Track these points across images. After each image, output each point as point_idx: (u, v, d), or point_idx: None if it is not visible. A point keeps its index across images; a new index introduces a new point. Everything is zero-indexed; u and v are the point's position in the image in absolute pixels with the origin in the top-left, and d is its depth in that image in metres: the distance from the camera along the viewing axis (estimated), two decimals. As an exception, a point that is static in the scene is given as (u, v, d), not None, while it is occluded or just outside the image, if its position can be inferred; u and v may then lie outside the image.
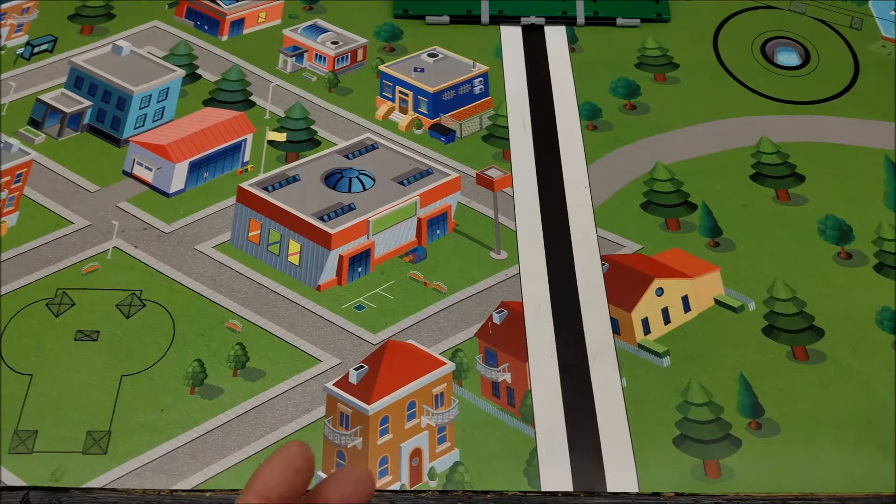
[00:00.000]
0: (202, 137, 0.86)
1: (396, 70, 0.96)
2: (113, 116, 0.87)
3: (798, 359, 0.77)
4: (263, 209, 0.82)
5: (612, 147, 0.92)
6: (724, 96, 0.97)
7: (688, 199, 0.88)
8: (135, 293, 0.77)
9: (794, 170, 0.91)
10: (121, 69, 0.92)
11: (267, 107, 0.92)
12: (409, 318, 0.77)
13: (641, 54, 1.01)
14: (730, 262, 0.83)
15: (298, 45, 0.98)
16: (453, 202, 0.86)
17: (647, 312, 0.79)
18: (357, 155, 0.88)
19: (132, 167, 0.85)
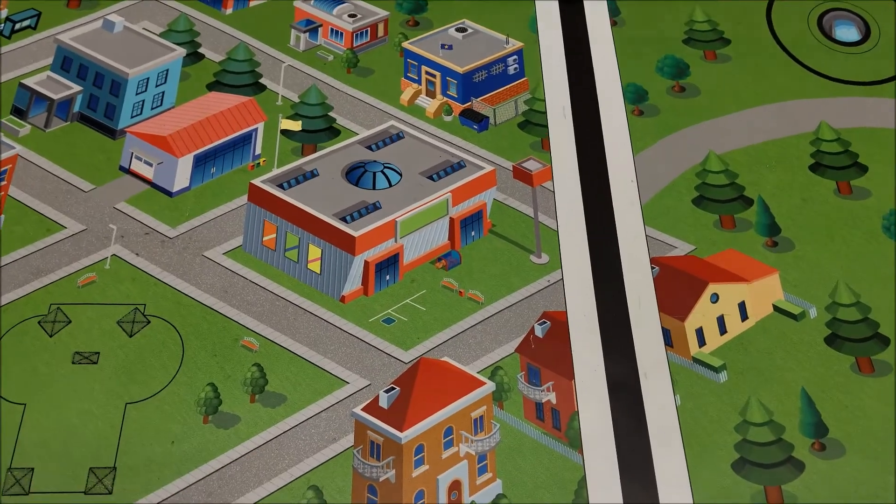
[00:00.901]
0: (207, 127, 0.82)
1: (422, 47, 0.92)
2: (107, 103, 0.83)
3: (863, 371, 0.74)
4: (279, 209, 0.78)
5: (661, 134, 0.88)
6: (780, 76, 0.93)
7: (743, 194, 0.84)
8: (138, 308, 0.73)
9: (856, 159, 0.87)
10: (114, 48, 0.88)
11: (279, 91, 0.88)
12: (444, 332, 0.74)
13: (690, 28, 0.96)
14: (789, 264, 0.80)
15: (312, 18, 0.93)
16: (488, 199, 0.82)
17: (702, 321, 0.76)
18: (381, 146, 0.84)
19: (130, 162, 0.82)
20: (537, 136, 0.87)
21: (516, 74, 0.91)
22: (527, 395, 0.72)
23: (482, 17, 0.95)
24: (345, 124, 0.86)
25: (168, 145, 0.81)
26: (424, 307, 0.75)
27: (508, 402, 0.72)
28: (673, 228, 0.82)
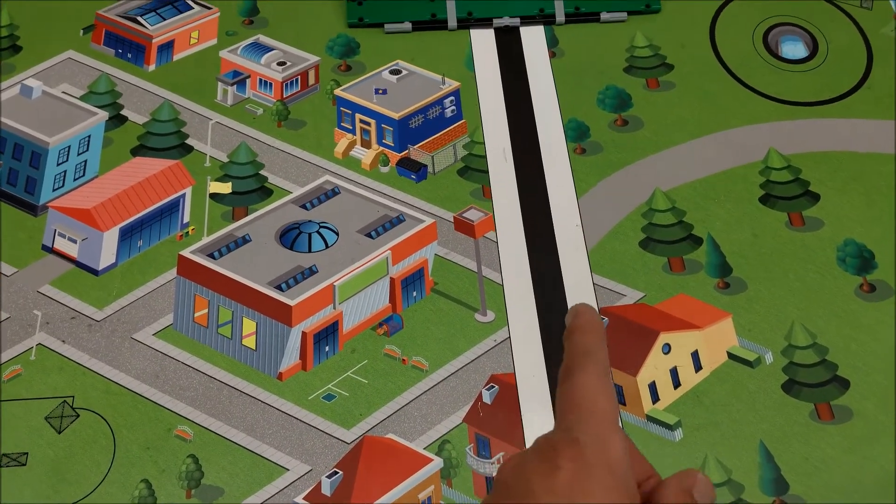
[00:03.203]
0: (133, 196, 0.77)
1: (355, 94, 0.87)
2: (27, 177, 0.78)
3: (822, 418, 0.71)
4: (210, 282, 0.74)
5: (605, 173, 0.84)
6: (726, 101, 0.89)
7: (691, 233, 0.81)
8: (66, 401, 0.69)
9: (807, 187, 0.84)
10: (32, 116, 0.82)
11: (207, 151, 0.83)
12: (387, 405, 0.70)
13: (630, 55, 0.92)
14: (742, 306, 0.77)
15: (239, 69, 0.88)
16: (430, 255, 0.78)
17: (655, 375, 0.73)
18: (316, 203, 0.80)
19: (53, 240, 0.76)
20: (478, 182, 0.83)
21: (454, 117, 0.87)
22: (476, 470, 0.68)
23: (417, 55, 0.90)
24: (277, 182, 0.81)
25: (92, 219, 0.76)
26: (366, 379, 0.71)
27: (457, 478, 0.67)
28: (621, 275, 0.78)
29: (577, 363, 0.37)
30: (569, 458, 0.33)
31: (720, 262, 0.79)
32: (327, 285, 0.74)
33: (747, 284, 0.78)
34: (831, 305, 0.77)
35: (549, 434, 0.35)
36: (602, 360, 0.37)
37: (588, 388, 0.36)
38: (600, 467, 0.33)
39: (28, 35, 0.90)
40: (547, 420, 0.70)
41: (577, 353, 0.37)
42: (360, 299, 0.75)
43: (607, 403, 0.35)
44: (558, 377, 0.38)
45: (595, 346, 0.38)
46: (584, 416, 0.35)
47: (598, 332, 0.38)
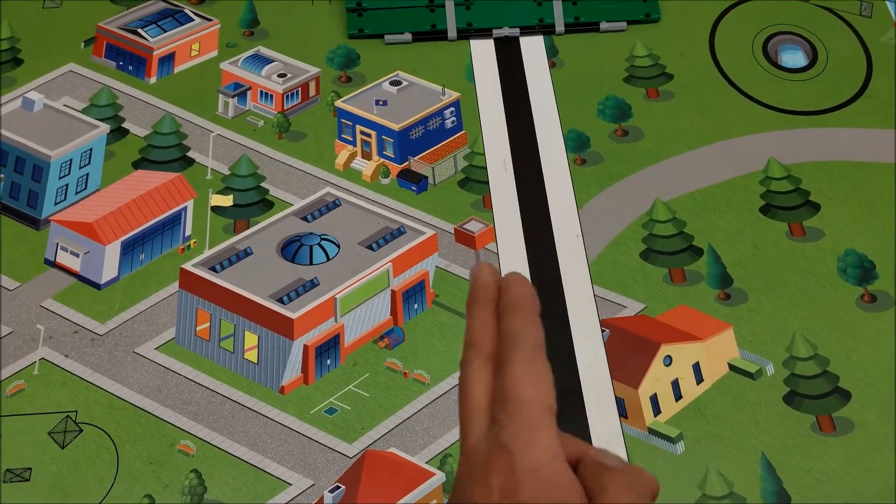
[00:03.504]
0: (135, 209, 0.77)
1: (355, 105, 0.87)
2: (29, 191, 0.78)
3: (824, 430, 0.71)
4: (212, 295, 0.74)
5: (605, 184, 0.84)
6: (725, 110, 0.88)
7: (692, 244, 0.80)
8: (69, 416, 0.69)
9: (807, 197, 0.84)
10: (34, 129, 0.82)
11: (208, 164, 0.83)
12: (389, 419, 0.70)
13: (630, 65, 0.92)
14: (743, 317, 0.76)
15: (240, 81, 0.87)
16: (431, 267, 0.78)
17: (656, 388, 0.73)
18: (317, 216, 0.80)
19: (56, 254, 0.76)
20: (478, 193, 0.82)
21: (454, 128, 0.86)
22: (477, 483, 0.69)
23: (417, 66, 0.89)
24: (278, 195, 0.80)
25: (94, 232, 0.76)
26: (368, 393, 0.71)
27: (459, 491, 0.68)
28: (622, 286, 0.78)
29: (504, 351, 0.36)
30: (498, 471, 0.33)
31: (721, 274, 0.79)
32: (329, 298, 0.73)
33: (748, 295, 0.78)
34: (832, 316, 0.77)
35: (482, 438, 0.34)
36: (531, 340, 0.36)
37: (515, 379, 0.35)
38: (529, 475, 0.33)
39: (29, 48, 0.89)
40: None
41: (504, 338, 0.36)
42: (362, 312, 0.75)
43: (536, 392, 0.34)
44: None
45: (520, 330, 0.36)
46: (511, 413, 0.34)
47: (523, 311, 0.37)
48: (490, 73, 0.90)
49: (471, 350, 0.37)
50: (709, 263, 0.79)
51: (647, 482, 0.36)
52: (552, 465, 0.33)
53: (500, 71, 0.91)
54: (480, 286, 0.38)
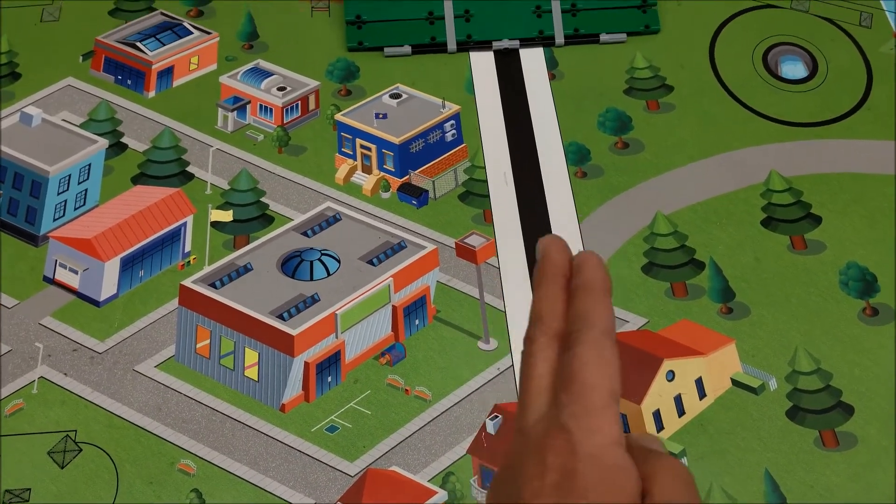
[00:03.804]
0: (134, 225, 0.76)
1: (355, 118, 0.86)
2: (27, 207, 0.77)
3: (827, 445, 0.70)
4: (212, 312, 0.73)
5: (606, 196, 0.83)
6: (726, 122, 0.87)
7: (694, 257, 0.80)
8: (69, 435, 0.67)
9: (808, 210, 0.83)
10: (32, 144, 0.81)
11: (208, 178, 0.82)
12: (391, 437, 0.69)
13: (630, 76, 0.91)
14: (745, 331, 0.76)
15: (239, 94, 0.87)
16: (432, 282, 0.77)
17: (659, 403, 0.72)
18: (317, 230, 0.79)
19: (54, 271, 0.75)
20: (479, 207, 0.81)
21: (454, 141, 0.85)
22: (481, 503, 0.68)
23: (417, 79, 0.88)
24: (278, 210, 0.80)
25: (93, 248, 0.75)
26: (369, 410, 0.70)
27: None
28: (624, 301, 0.77)
29: (573, 332, 0.35)
30: (556, 451, 0.32)
31: (723, 287, 0.78)
32: (329, 314, 0.72)
33: (750, 309, 0.77)
34: (834, 330, 0.76)
35: (541, 418, 0.33)
36: (602, 324, 0.35)
37: (581, 362, 0.34)
38: (588, 460, 0.32)
39: (27, 62, 0.88)
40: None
41: (574, 318, 0.35)
42: (363, 328, 0.74)
43: (602, 378, 0.33)
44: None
45: (591, 310, 0.35)
46: (575, 394, 0.33)
47: (596, 293, 0.35)
48: (490, 86, 0.89)
49: (537, 326, 0.36)
50: (711, 277, 0.78)
51: (686, 470, 0.35)
52: (613, 451, 0.32)
53: (501, 83, 0.90)
54: (550, 260, 0.37)
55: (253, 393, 0.70)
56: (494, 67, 0.91)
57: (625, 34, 0.93)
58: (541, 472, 0.32)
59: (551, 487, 0.31)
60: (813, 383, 0.73)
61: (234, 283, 0.74)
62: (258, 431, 0.68)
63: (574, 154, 0.85)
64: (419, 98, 0.87)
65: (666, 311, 0.76)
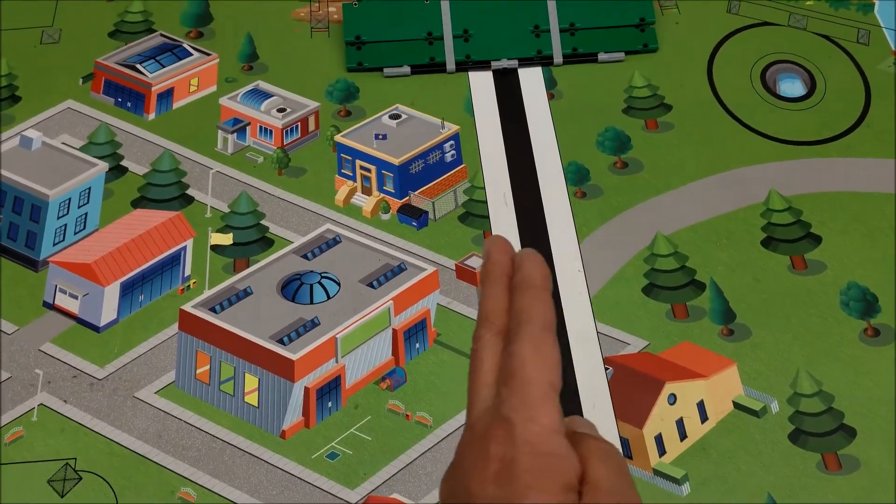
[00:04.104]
0: (134, 249, 0.75)
1: (355, 139, 0.85)
2: (27, 231, 0.76)
3: (830, 469, 0.70)
4: (212, 337, 0.72)
5: (606, 217, 0.82)
6: (725, 141, 0.87)
7: (694, 278, 0.79)
8: (68, 463, 0.67)
9: (808, 230, 0.82)
10: (32, 167, 0.80)
11: (207, 201, 0.81)
12: (392, 463, 0.68)
13: (629, 95, 0.90)
14: (747, 353, 0.75)
15: (239, 116, 0.86)
16: (432, 305, 0.76)
17: (661, 427, 0.71)
18: (317, 253, 0.78)
19: (54, 296, 0.74)
20: (479, 228, 0.81)
21: (454, 161, 0.85)
22: (482, 528, 0.67)
23: (416, 99, 0.88)
24: (278, 232, 0.79)
25: (93, 273, 0.74)
26: (370, 436, 0.69)
27: (463, 536, 0.67)
28: (624, 322, 0.76)
29: (512, 329, 0.36)
30: (497, 441, 0.33)
31: (724, 309, 0.77)
32: (329, 338, 0.71)
33: (751, 331, 0.76)
34: (836, 351, 0.75)
35: (485, 411, 0.34)
36: (539, 319, 0.36)
37: (520, 357, 0.35)
38: (527, 447, 0.33)
39: (27, 85, 0.87)
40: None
41: (514, 315, 0.36)
42: (363, 352, 0.73)
43: (540, 371, 0.34)
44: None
45: (529, 307, 0.36)
46: (514, 387, 0.34)
47: (534, 289, 0.36)
48: (489, 106, 0.88)
49: (483, 325, 0.37)
50: (711, 298, 0.77)
51: (616, 450, 0.36)
52: (552, 439, 0.33)
53: (499, 103, 0.89)
54: (493, 261, 0.38)
55: (253, 419, 0.69)
56: (493, 87, 0.90)
57: (623, 53, 0.92)
58: (484, 462, 0.33)
59: (493, 477, 0.32)
60: (815, 406, 0.72)
61: (234, 307, 0.73)
62: (258, 459, 0.67)
63: (573, 174, 0.84)
64: (418, 118, 0.87)
65: (667, 332, 0.75)
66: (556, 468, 0.33)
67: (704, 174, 0.85)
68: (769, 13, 0.97)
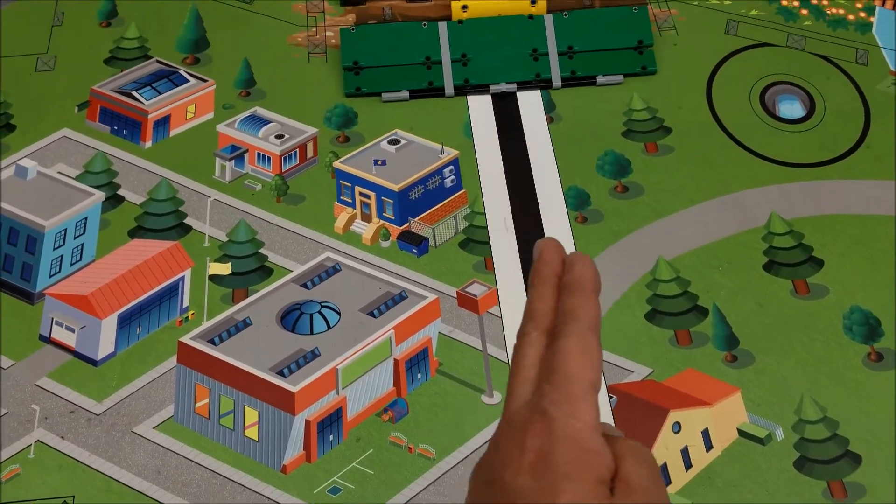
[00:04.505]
0: (131, 280, 0.74)
1: (354, 165, 0.84)
2: (23, 263, 0.74)
3: (835, 496, 0.68)
4: (210, 369, 0.70)
5: (607, 242, 0.81)
6: (725, 164, 0.86)
7: (697, 303, 0.78)
8: (66, 501, 0.65)
9: (810, 253, 0.81)
10: (27, 198, 0.78)
11: (205, 230, 0.79)
12: (395, 497, 0.66)
13: (628, 118, 0.89)
14: (751, 380, 0.74)
15: (237, 143, 0.84)
16: (434, 333, 0.75)
17: (666, 456, 0.70)
18: (317, 282, 0.77)
19: (51, 330, 0.73)
20: (480, 255, 0.79)
21: (454, 187, 0.83)
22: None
23: (415, 124, 0.86)
24: (277, 261, 0.77)
25: (90, 305, 0.72)
26: (372, 470, 0.67)
27: (468, 572, 0.65)
28: (628, 349, 0.74)
29: (559, 326, 0.36)
30: (535, 433, 0.33)
31: (727, 335, 0.76)
32: (330, 369, 0.70)
33: (755, 357, 0.75)
34: (840, 377, 0.74)
35: (524, 405, 0.35)
36: (587, 319, 0.36)
37: (564, 354, 0.35)
38: (565, 441, 0.33)
39: (22, 113, 0.86)
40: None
41: (561, 314, 0.37)
42: (364, 383, 0.71)
43: (583, 369, 0.35)
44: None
45: (578, 307, 0.36)
46: (557, 383, 0.34)
47: (583, 290, 0.37)
48: (488, 130, 0.87)
49: (529, 322, 0.37)
50: (714, 324, 0.76)
51: (649, 452, 0.37)
52: (591, 435, 0.33)
53: (499, 127, 0.88)
54: (544, 262, 0.38)
55: (253, 454, 0.67)
56: (492, 111, 0.89)
57: (622, 76, 0.91)
58: (520, 453, 0.33)
59: (529, 467, 0.33)
60: (820, 432, 0.71)
61: (233, 338, 0.71)
62: (259, 494, 0.65)
63: (574, 199, 0.83)
64: (418, 143, 0.85)
65: (671, 359, 0.74)
66: (593, 464, 0.33)
67: (705, 197, 0.84)
68: (767, 34, 0.96)
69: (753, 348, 0.75)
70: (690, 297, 0.78)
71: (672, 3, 0.97)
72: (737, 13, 0.97)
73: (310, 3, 0.94)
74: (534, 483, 0.32)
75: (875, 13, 0.98)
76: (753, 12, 0.97)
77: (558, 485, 0.32)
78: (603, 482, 0.33)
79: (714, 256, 0.80)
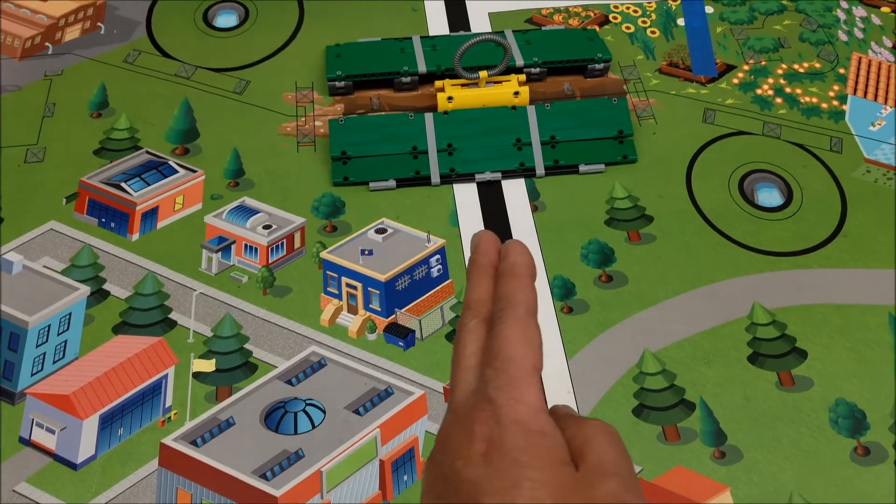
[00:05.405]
0: (114, 379, 0.69)
1: (341, 256, 0.80)
2: (5, 361, 0.69)
3: None
4: (192, 472, 0.65)
5: (593, 333, 0.77)
6: (707, 252, 0.82)
7: (684, 397, 0.74)
8: None
9: (793, 344, 0.77)
10: (12, 292, 0.74)
11: (190, 325, 0.75)
12: None
13: (611, 207, 0.86)
14: (739, 477, 0.69)
15: (224, 234, 0.80)
16: (420, 432, 0.70)
17: (656, 560, 0.65)
18: (302, 378, 0.72)
19: (31, 431, 0.67)
20: (467, 348, 0.76)
21: (440, 276, 0.80)
22: None
23: (402, 213, 0.83)
24: (262, 356, 0.73)
25: (71, 405, 0.67)
26: (357, 580, 0.64)
27: None
28: (615, 446, 0.71)
29: (497, 313, 0.35)
30: (482, 421, 0.31)
31: (714, 430, 0.72)
32: (314, 471, 0.65)
33: (743, 453, 0.70)
34: (828, 473, 0.70)
35: (470, 393, 0.33)
36: (524, 303, 0.35)
37: (504, 339, 0.34)
38: (513, 427, 0.31)
39: (9, 206, 0.81)
40: None
41: (498, 300, 0.35)
42: (349, 486, 0.66)
43: (524, 352, 0.33)
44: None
45: (514, 292, 0.35)
46: (499, 368, 0.33)
47: (518, 276, 0.36)
48: (474, 218, 0.83)
49: (468, 312, 0.37)
50: (702, 419, 0.72)
51: (613, 429, 0.36)
52: (538, 417, 0.32)
53: (484, 214, 0.84)
54: (481, 253, 0.37)
55: (235, 563, 0.62)
56: (478, 199, 0.85)
57: (603, 164, 0.88)
58: (469, 442, 0.31)
59: (479, 456, 0.31)
60: (810, 533, 0.67)
61: (215, 439, 0.66)
62: None
63: (559, 289, 0.79)
64: (404, 232, 0.81)
65: (659, 457, 0.70)
66: (544, 446, 0.31)
67: (688, 287, 0.80)
68: (744, 122, 0.94)
69: (741, 444, 0.71)
70: (677, 390, 0.74)
71: (651, 92, 0.94)
72: (714, 101, 0.94)
73: (299, 93, 0.91)
74: (488, 471, 0.30)
75: (847, 102, 0.96)
76: (729, 101, 0.95)
77: (513, 473, 0.30)
78: (563, 462, 0.31)
79: (699, 348, 0.76)
